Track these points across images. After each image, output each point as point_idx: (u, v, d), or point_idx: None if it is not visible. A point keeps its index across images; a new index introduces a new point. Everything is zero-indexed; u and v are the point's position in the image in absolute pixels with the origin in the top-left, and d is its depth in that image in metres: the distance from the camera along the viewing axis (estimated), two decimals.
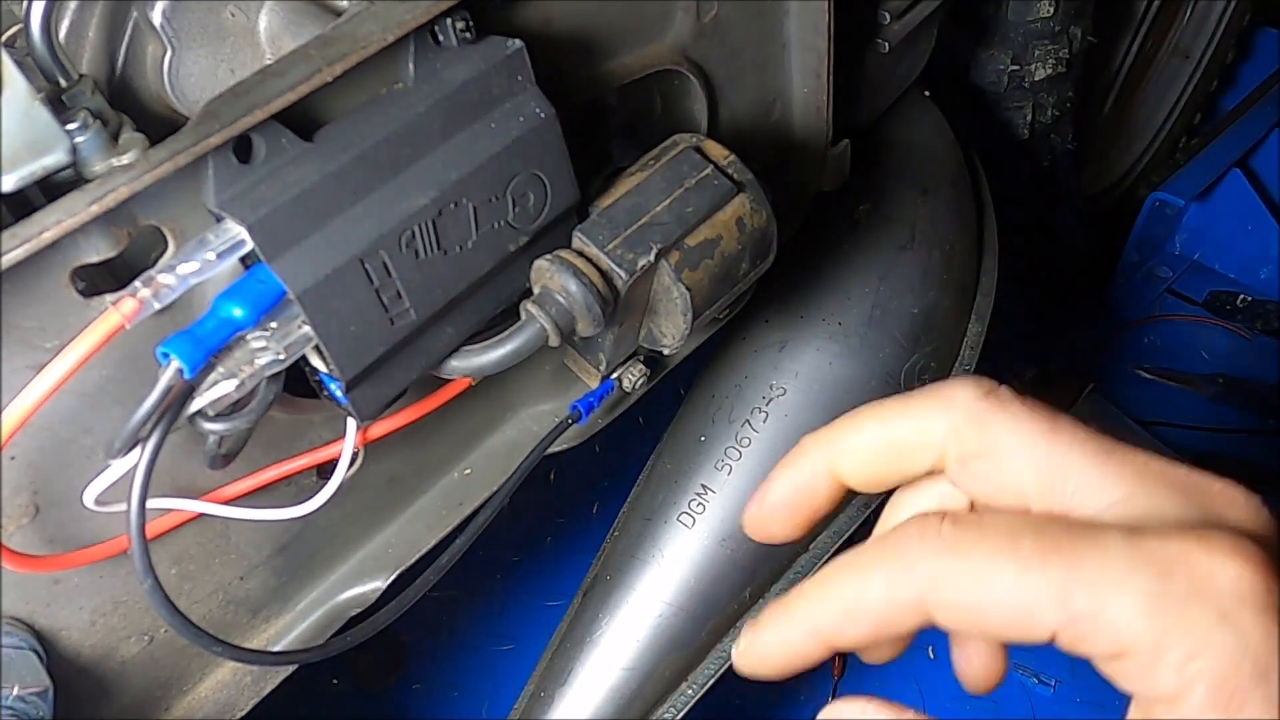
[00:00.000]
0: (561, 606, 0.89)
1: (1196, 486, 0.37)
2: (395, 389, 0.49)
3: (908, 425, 0.40)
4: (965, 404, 0.39)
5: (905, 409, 0.40)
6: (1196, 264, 1.65)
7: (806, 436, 0.42)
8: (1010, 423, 0.38)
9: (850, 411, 0.41)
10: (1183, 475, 0.37)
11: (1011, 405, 0.38)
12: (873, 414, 0.41)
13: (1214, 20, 1.57)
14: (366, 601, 0.61)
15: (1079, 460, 0.37)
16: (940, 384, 0.39)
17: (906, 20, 0.84)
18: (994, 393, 0.38)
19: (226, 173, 0.41)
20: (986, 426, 0.38)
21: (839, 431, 0.41)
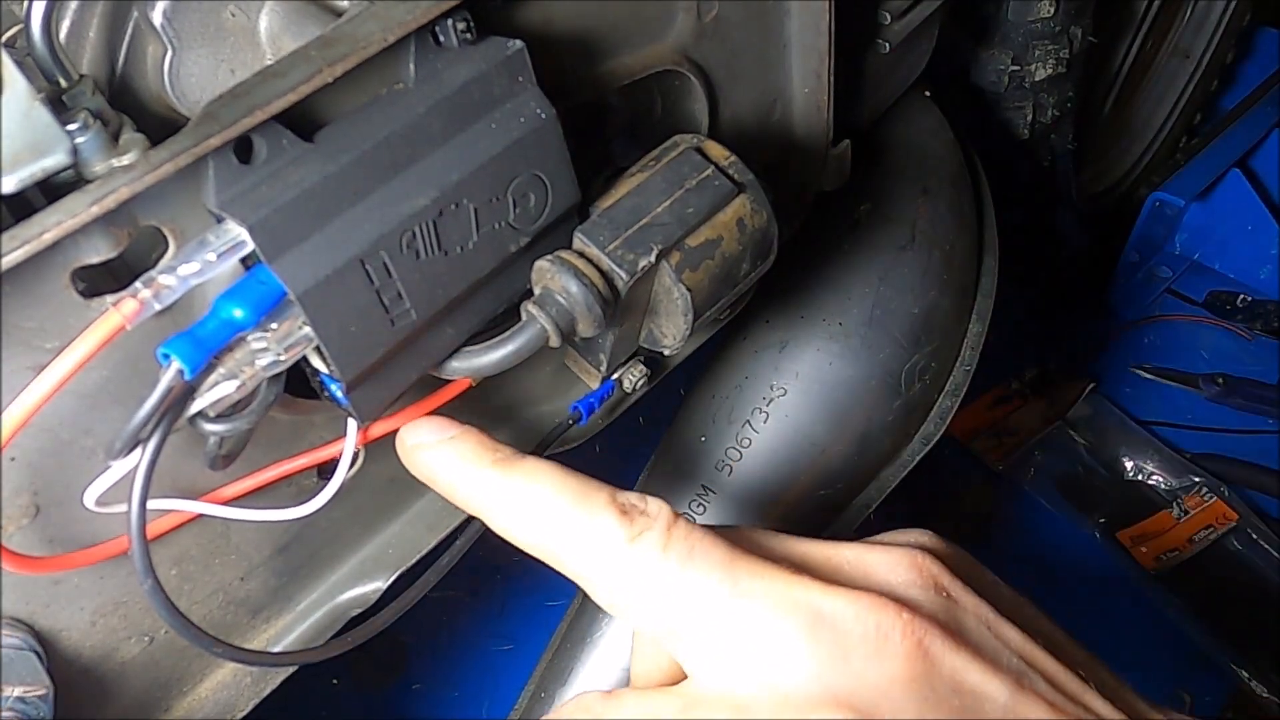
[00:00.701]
0: (561, 606, 0.88)
1: (832, 612, 0.40)
2: (396, 389, 0.49)
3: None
4: (600, 560, 0.43)
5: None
6: (1196, 264, 1.65)
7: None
8: (643, 564, 0.42)
9: None
10: (818, 606, 0.40)
11: (649, 549, 0.42)
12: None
13: (1214, 20, 1.57)
14: (367, 602, 0.61)
15: (707, 606, 0.41)
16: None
17: (907, 20, 0.84)
18: (635, 538, 0.42)
19: (227, 173, 0.41)
20: (620, 580, 0.43)
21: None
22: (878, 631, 0.39)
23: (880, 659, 0.39)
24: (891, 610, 0.39)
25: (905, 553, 0.44)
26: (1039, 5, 1.13)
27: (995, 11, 1.15)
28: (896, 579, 0.43)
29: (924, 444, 0.89)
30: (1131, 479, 1.49)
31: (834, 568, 0.43)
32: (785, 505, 0.83)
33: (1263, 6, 1.63)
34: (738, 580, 0.41)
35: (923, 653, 0.39)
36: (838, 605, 0.40)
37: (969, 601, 0.43)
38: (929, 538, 0.47)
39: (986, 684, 0.40)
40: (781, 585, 0.40)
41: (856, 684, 0.39)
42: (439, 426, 0.48)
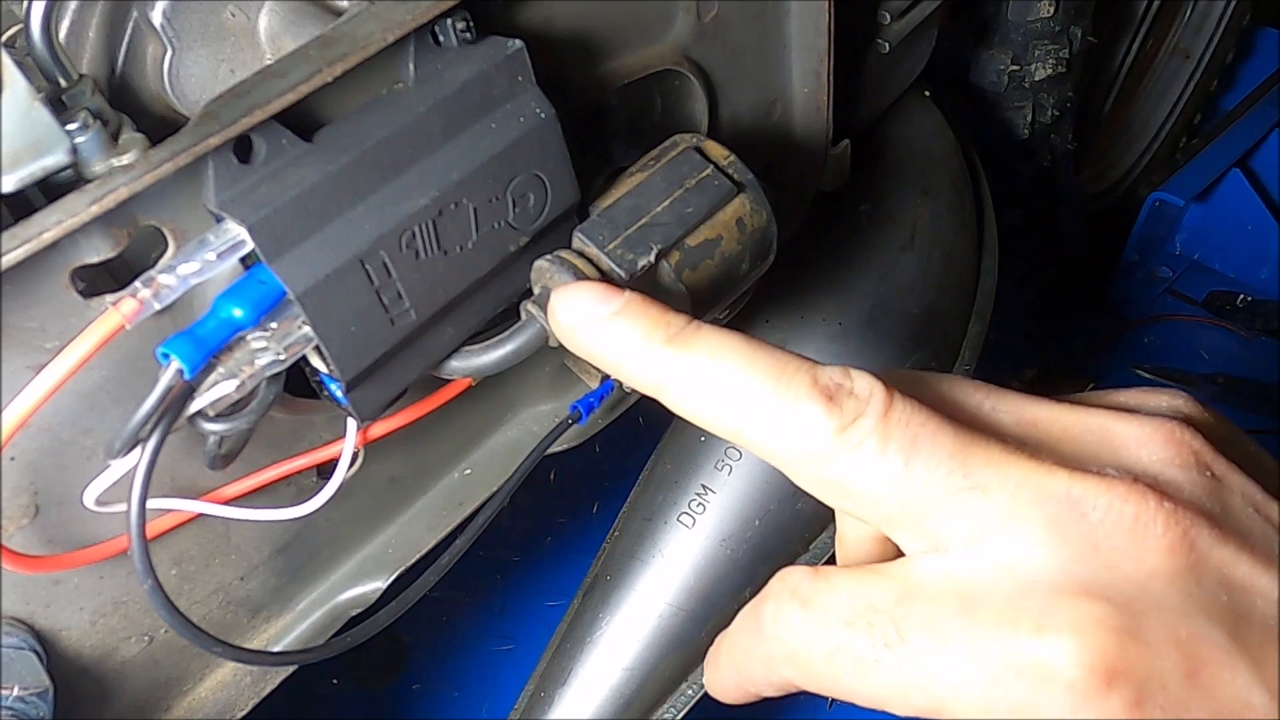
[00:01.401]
0: (561, 606, 0.88)
1: (1079, 501, 0.35)
2: (395, 389, 0.49)
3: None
4: (804, 451, 0.38)
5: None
6: (1196, 264, 1.65)
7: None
8: (858, 463, 0.37)
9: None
10: (1062, 495, 0.35)
11: (863, 442, 0.37)
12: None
13: (1214, 20, 1.57)
14: (367, 602, 0.61)
15: (937, 500, 0.36)
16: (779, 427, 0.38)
17: (907, 20, 0.84)
18: (846, 429, 0.37)
19: (227, 173, 0.41)
20: (834, 466, 0.37)
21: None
22: (1136, 523, 0.34)
23: (1139, 552, 0.34)
24: (1152, 499, 0.35)
25: (1161, 424, 0.38)
26: (1039, 5, 1.13)
27: (995, 11, 1.15)
28: (1152, 456, 0.37)
29: None
30: None
31: (1075, 440, 0.38)
32: (785, 506, 0.83)
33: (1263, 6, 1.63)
34: (970, 472, 0.36)
35: (1188, 545, 0.34)
36: (1089, 491, 0.35)
37: (1236, 481, 0.37)
38: (1184, 401, 0.41)
39: (1257, 577, 0.35)
40: (1021, 474, 0.35)
41: (1111, 576, 0.34)
42: (598, 297, 0.42)
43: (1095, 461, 0.37)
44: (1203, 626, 0.34)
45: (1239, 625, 0.34)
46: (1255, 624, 0.34)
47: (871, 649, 0.36)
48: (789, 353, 0.39)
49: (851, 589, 0.38)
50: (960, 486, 0.36)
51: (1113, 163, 1.66)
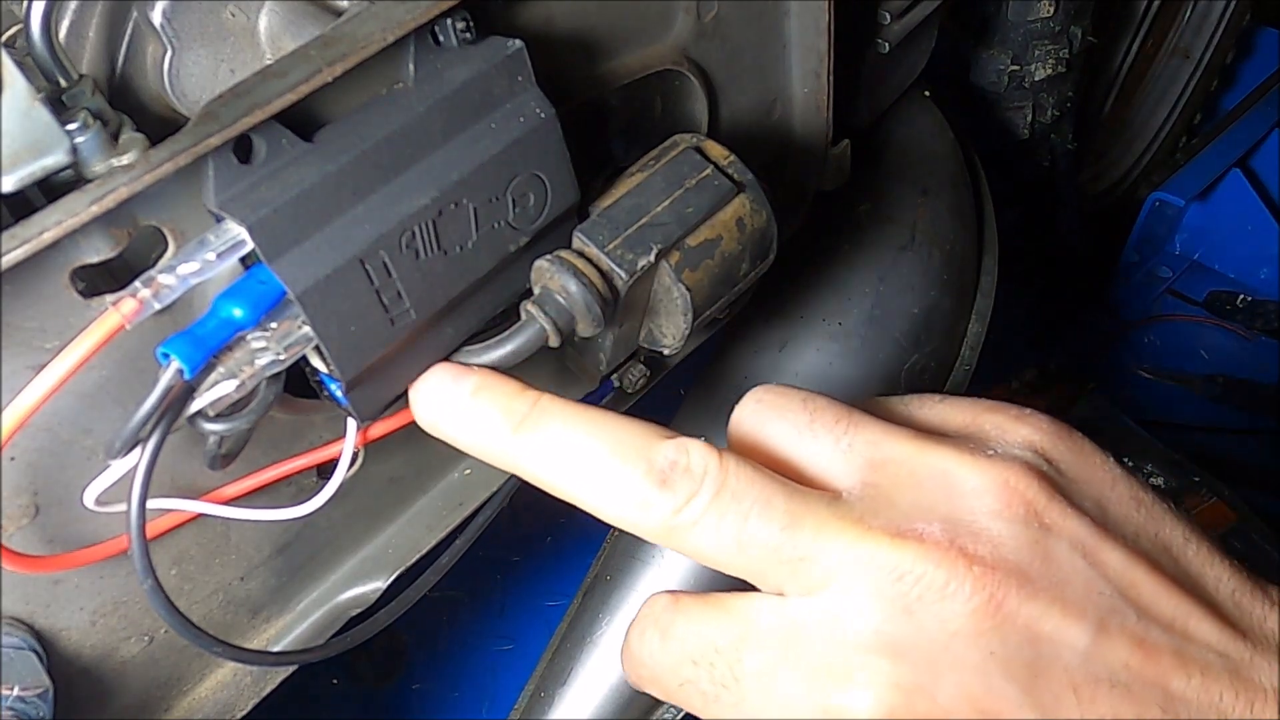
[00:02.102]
0: (561, 606, 0.89)
1: (896, 567, 0.38)
2: (395, 389, 0.49)
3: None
4: (650, 529, 0.42)
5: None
6: (1196, 264, 1.65)
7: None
8: (697, 540, 0.41)
9: None
10: (882, 561, 0.38)
11: (698, 523, 0.40)
12: None
13: (1214, 20, 1.57)
14: (367, 602, 0.61)
15: (771, 568, 0.40)
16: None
17: (907, 20, 0.84)
18: (680, 510, 0.41)
19: (227, 173, 0.41)
20: (677, 541, 0.42)
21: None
22: (945, 588, 0.37)
23: (946, 615, 0.37)
24: (962, 564, 0.37)
25: (999, 472, 0.40)
26: (1039, 5, 1.13)
27: (995, 11, 1.15)
28: (984, 508, 0.39)
29: None
30: None
31: (918, 486, 0.40)
32: None
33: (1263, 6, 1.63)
34: (799, 544, 0.39)
35: (994, 607, 0.37)
36: (906, 558, 0.38)
37: (1067, 526, 0.39)
38: (1037, 434, 0.43)
39: (1065, 630, 0.37)
40: (845, 543, 0.39)
41: (916, 638, 0.37)
42: (449, 382, 0.46)
43: (929, 513, 0.40)
44: (998, 683, 0.37)
45: (1036, 679, 0.37)
46: (1056, 676, 0.37)
47: (711, 686, 0.40)
48: (632, 426, 0.42)
49: (701, 624, 0.41)
50: (790, 556, 0.39)
51: (1113, 163, 1.66)
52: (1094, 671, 0.38)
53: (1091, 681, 0.38)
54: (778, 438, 0.44)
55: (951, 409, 0.45)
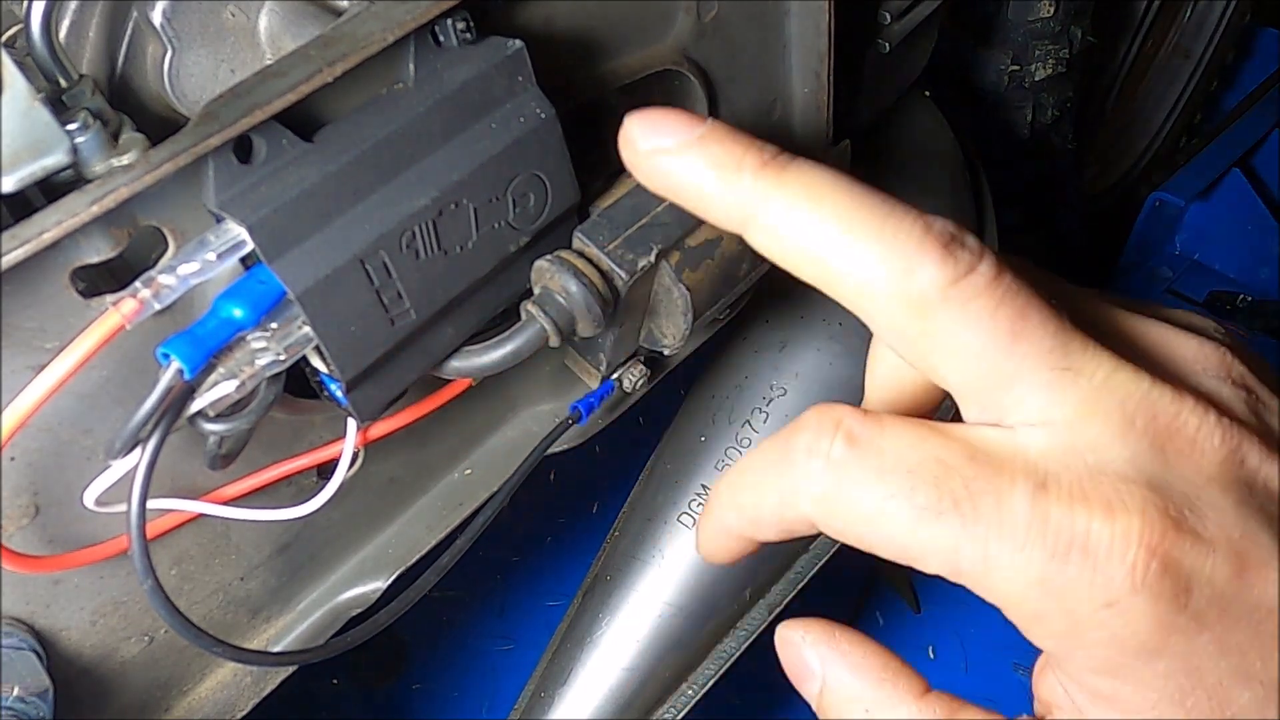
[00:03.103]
0: (561, 606, 0.89)
1: (1154, 403, 0.35)
2: (395, 389, 0.49)
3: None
4: (907, 298, 0.35)
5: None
6: (1196, 264, 1.65)
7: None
8: (965, 320, 0.35)
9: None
10: (1141, 396, 0.35)
11: (976, 299, 0.35)
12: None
13: (1214, 20, 1.57)
14: (367, 602, 0.61)
15: (1030, 375, 0.35)
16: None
17: (907, 20, 0.84)
18: (959, 281, 0.35)
19: (227, 173, 0.41)
20: (935, 319, 0.35)
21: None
22: (1197, 433, 0.36)
23: (1199, 460, 0.36)
24: (1212, 416, 0.36)
25: (1214, 347, 0.40)
26: (1039, 5, 1.13)
27: (995, 11, 1.15)
28: (1206, 372, 0.39)
29: None
30: None
31: (1142, 348, 0.39)
32: None
33: (1263, 6, 1.63)
34: (1070, 354, 0.35)
35: (1239, 460, 0.36)
36: (1163, 399, 0.36)
37: (1273, 402, 0.39)
38: (1225, 330, 0.42)
39: None
40: (1111, 367, 0.36)
41: (1171, 477, 0.36)
42: (679, 123, 0.38)
43: (1159, 370, 0.37)
44: (1254, 530, 0.35)
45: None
46: None
47: (935, 501, 0.34)
48: (893, 197, 0.36)
49: (914, 439, 0.36)
50: (1058, 365, 0.35)
51: (1113, 163, 1.66)
52: None
53: None
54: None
55: (1138, 302, 0.43)
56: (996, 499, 0.34)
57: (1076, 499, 0.34)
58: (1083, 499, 0.34)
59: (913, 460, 0.35)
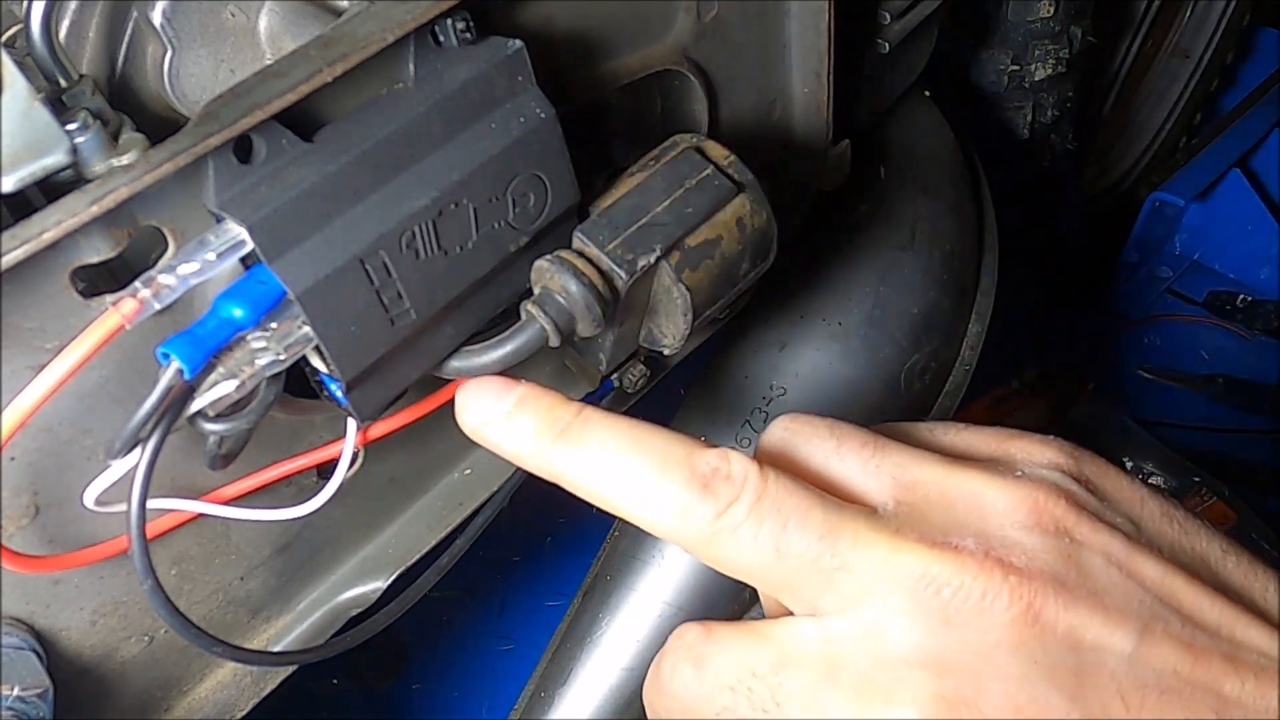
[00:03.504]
0: (561, 606, 0.88)
1: (934, 579, 0.38)
2: (395, 389, 0.49)
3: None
4: (688, 536, 0.41)
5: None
6: (1196, 264, 1.65)
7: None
8: (736, 546, 0.40)
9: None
10: (921, 573, 0.38)
11: (739, 527, 0.40)
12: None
13: (1214, 20, 1.57)
14: (367, 602, 0.61)
15: (809, 579, 0.40)
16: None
17: (907, 20, 0.84)
18: (721, 515, 0.40)
19: (227, 173, 0.41)
20: (717, 548, 0.41)
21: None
22: (983, 599, 0.37)
23: (985, 626, 0.37)
24: (998, 574, 0.38)
25: (1027, 491, 0.41)
26: (1039, 5, 1.13)
27: (995, 11, 1.14)
28: (1014, 523, 0.40)
29: None
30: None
31: (948, 506, 0.41)
32: None
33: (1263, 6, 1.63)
34: (838, 552, 0.39)
35: (1032, 616, 0.37)
36: (944, 570, 0.38)
37: (1097, 540, 0.40)
38: (1062, 456, 0.43)
39: (1108, 636, 0.37)
40: (884, 553, 0.39)
41: (958, 650, 0.37)
42: (496, 394, 0.46)
43: (962, 529, 0.40)
44: (1043, 691, 0.37)
45: (1082, 685, 0.37)
46: (1103, 682, 0.37)
47: (751, 712, 0.40)
48: (673, 437, 0.43)
49: (737, 651, 0.41)
50: (829, 566, 0.39)
51: (1113, 163, 1.66)
52: (1141, 677, 0.37)
53: (1140, 687, 0.37)
54: (807, 460, 0.44)
55: (975, 436, 0.46)
56: (799, 702, 0.40)
57: (862, 692, 0.39)
58: (868, 691, 0.38)
59: (733, 677, 0.41)
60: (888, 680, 0.38)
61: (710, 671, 0.41)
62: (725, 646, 0.42)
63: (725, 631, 0.42)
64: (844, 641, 0.39)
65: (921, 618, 0.38)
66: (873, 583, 0.39)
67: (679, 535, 0.41)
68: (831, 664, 0.39)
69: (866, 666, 0.38)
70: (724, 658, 0.41)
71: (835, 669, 0.39)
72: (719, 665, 0.41)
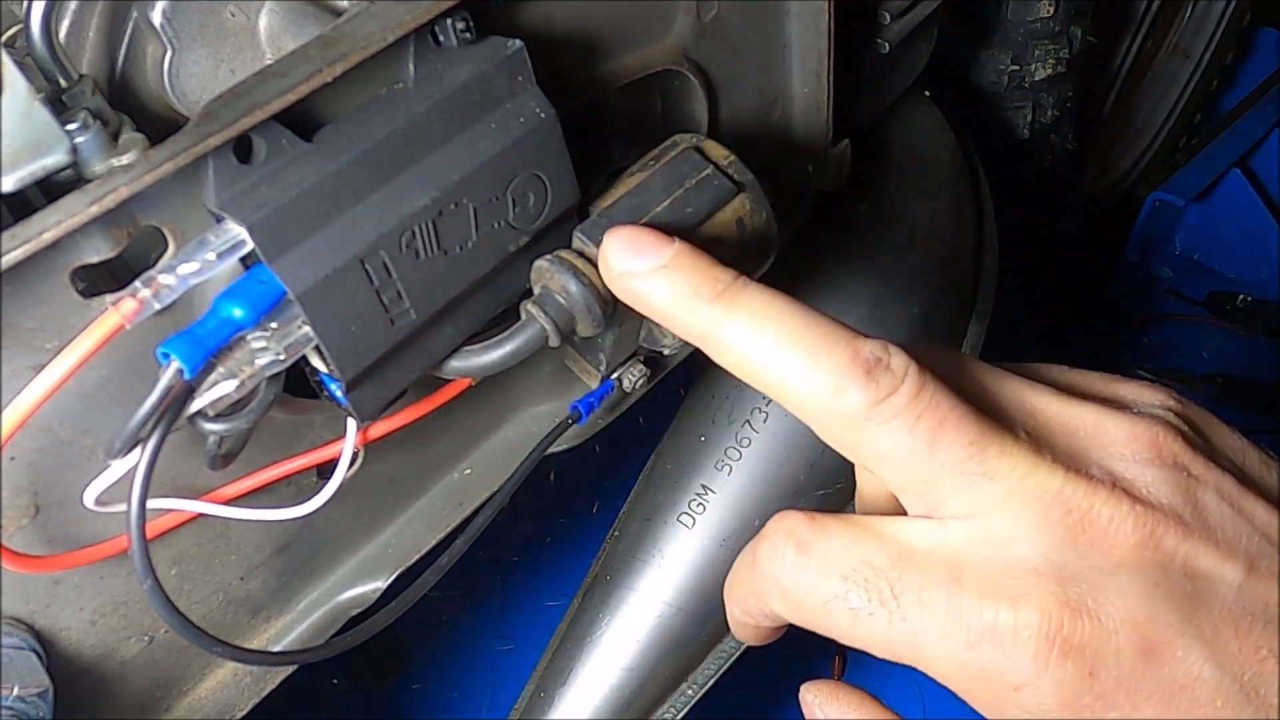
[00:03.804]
0: (561, 606, 0.89)
1: (1066, 499, 0.39)
2: (395, 389, 0.49)
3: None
4: (838, 417, 0.41)
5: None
6: (1196, 264, 1.65)
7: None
8: (886, 435, 0.40)
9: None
10: (1055, 492, 0.39)
11: (895, 417, 0.40)
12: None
13: (1214, 20, 1.57)
14: (367, 602, 0.61)
15: (949, 480, 0.40)
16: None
17: (907, 20, 0.84)
18: (880, 403, 0.40)
19: (227, 173, 0.41)
20: (863, 433, 0.40)
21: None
22: (1110, 520, 0.39)
23: (1110, 545, 0.39)
24: (1125, 503, 0.39)
25: (1146, 426, 0.42)
26: (1039, 5, 1.13)
27: (995, 11, 1.15)
28: (1136, 455, 0.41)
29: None
30: None
31: (1071, 434, 0.42)
32: (785, 505, 0.83)
33: (1263, 6, 1.63)
34: (985, 459, 0.40)
35: (1154, 543, 0.39)
36: (1076, 494, 0.39)
37: (1211, 478, 0.41)
38: (1172, 400, 0.45)
39: (1219, 567, 0.39)
40: (1026, 467, 0.40)
41: (1083, 565, 0.39)
42: (650, 247, 0.44)
43: (1085, 457, 0.41)
44: (1161, 610, 0.38)
45: (1197, 609, 0.39)
46: (1215, 608, 0.39)
47: (866, 603, 0.40)
48: (832, 320, 0.42)
49: (849, 543, 0.41)
50: (973, 470, 0.40)
51: (1113, 163, 1.66)
52: (1248, 605, 0.39)
53: (1247, 615, 0.39)
54: (954, 381, 0.44)
55: (1084, 376, 0.47)
56: (918, 595, 0.39)
57: (986, 593, 0.39)
58: (992, 592, 0.39)
59: (846, 566, 0.40)
60: (1013, 585, 0.38)
61: (818, 557, 0.41)
62: (836, 535, 0.41)
63: (834, 523, 0.41)
64: (968, 544, 0.39)
65: (1050, 531, 0.39)
66: (1009, 493, 0.39)
67: (828, 415, 0.40)
68: (955, 564, 0.39)
69: (992, 570, 0.39)
70: (836, 545, 0.41)
71: (959, 569, 0.39)
72: (830, 552, 0.41)
